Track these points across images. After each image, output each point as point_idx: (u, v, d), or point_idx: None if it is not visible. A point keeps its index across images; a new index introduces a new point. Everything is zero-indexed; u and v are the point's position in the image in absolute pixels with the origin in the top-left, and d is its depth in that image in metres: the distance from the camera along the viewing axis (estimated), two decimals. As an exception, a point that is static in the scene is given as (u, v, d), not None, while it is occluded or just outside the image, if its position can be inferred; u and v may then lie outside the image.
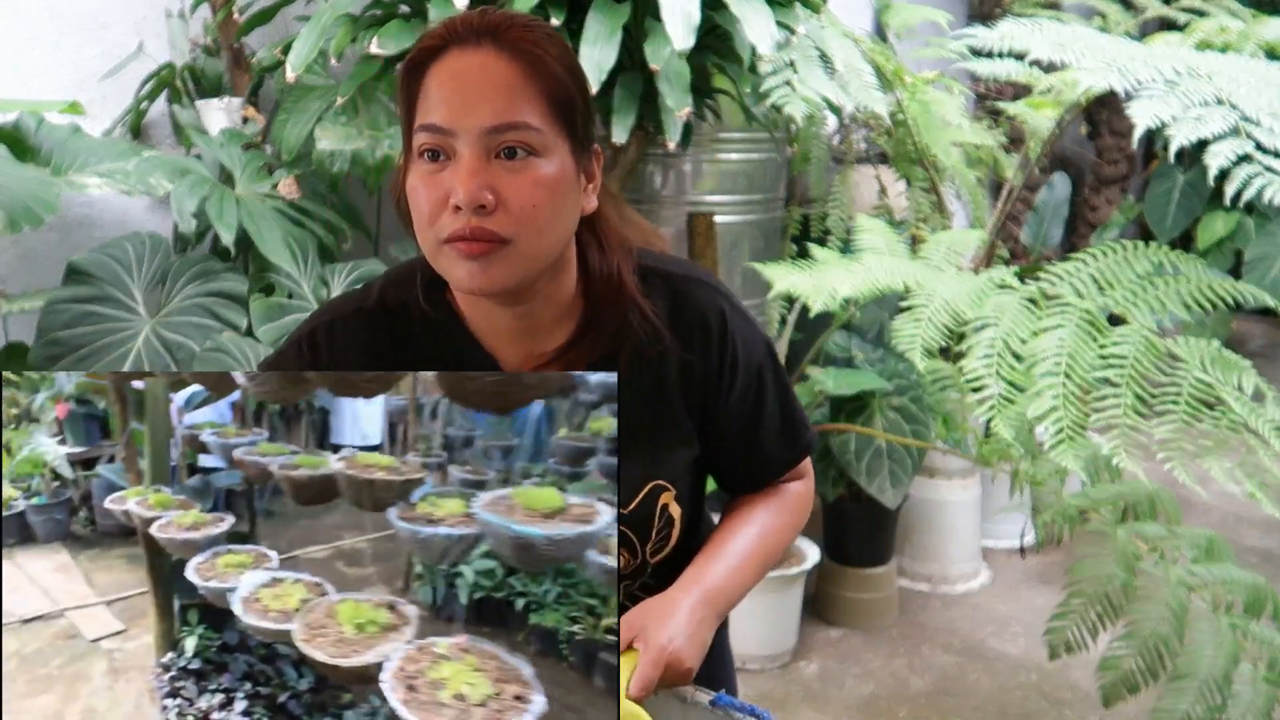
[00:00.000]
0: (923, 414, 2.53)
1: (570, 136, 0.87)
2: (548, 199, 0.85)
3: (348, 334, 0.97)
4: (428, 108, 0.84)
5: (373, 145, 1.92)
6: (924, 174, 2.75)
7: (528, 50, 0.84)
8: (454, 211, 0.83)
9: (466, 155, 0.83)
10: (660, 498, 1.02)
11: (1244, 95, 1.51)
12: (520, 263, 0.86)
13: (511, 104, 0.83)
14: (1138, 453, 1.42)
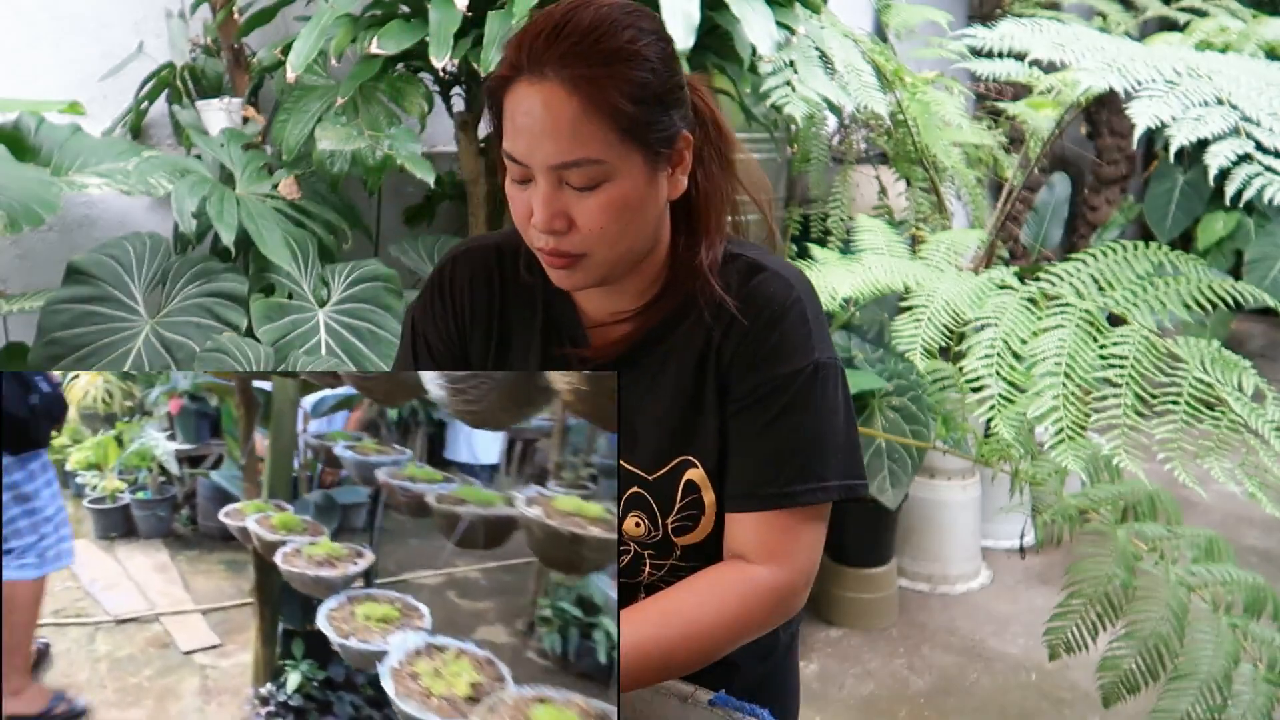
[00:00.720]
0: (923, 414, 2.53)
1: (642, 148, 0.89)
2: (615, 219, 0.90)
3: (469, 262, 1.07)
4: (508, 135, 0.90)
5: (373, 145, 1.92)
6: (924, 174, 2.75)
7: (588, 77, 0.86)
8: (537, 229, 0.91)
9: (541, 184, 0.89)
10: (686, 472, 1.00)
11: (1244, 95, 1.51)
12: (598, 269, 0.93)
13: (574, 141, 0.87)
14: (1138, 453, 1.42)
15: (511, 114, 0.89)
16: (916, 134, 2.62)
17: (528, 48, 0.87)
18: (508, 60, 0.89)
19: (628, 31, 0.88)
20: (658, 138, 0.90)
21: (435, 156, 2.26)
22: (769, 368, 0.96)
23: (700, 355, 1.00)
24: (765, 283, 0.98)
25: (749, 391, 0.97)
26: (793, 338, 0.96)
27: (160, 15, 2.24)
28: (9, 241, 2.09)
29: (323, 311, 1.95)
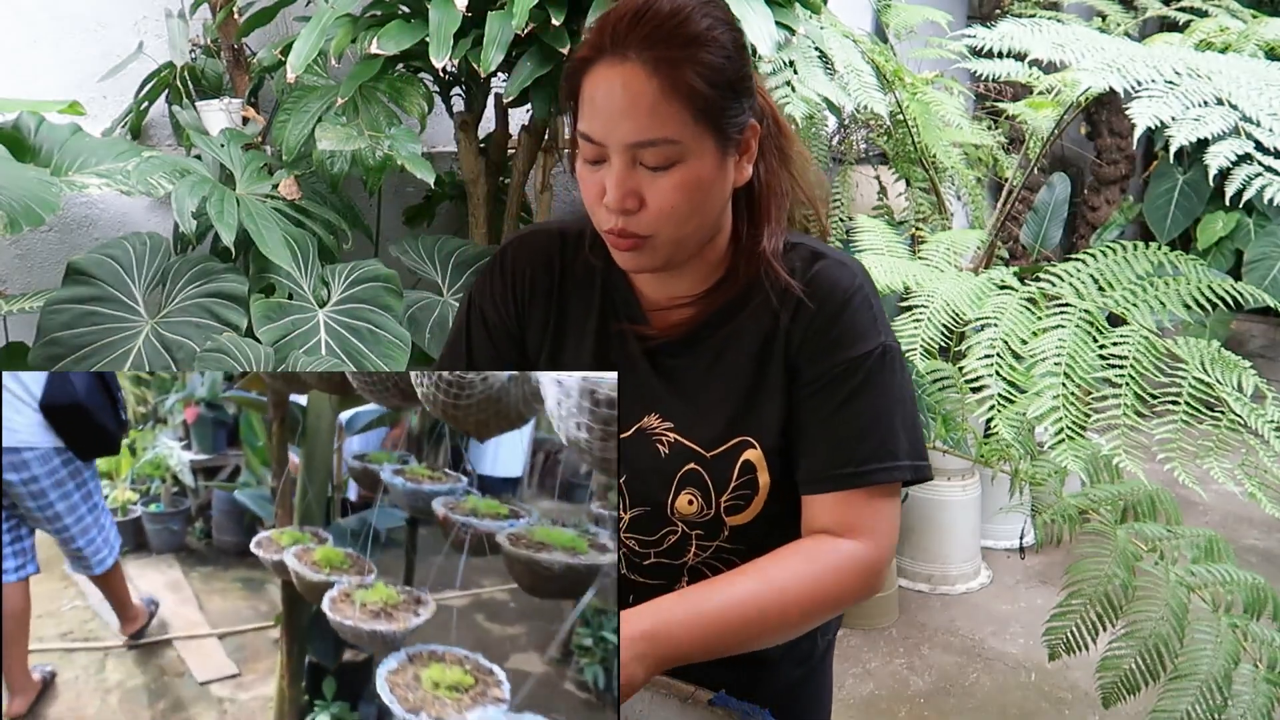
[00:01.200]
0: (923, 414, 2.53)
1: (715, 132, 0.92)
2: (686, 200, 0.93)
3: (529, 244, 1.10)
4: (585, 116, 0.93)
5: (373, 145, 1.92)
6: (924, 174, 2.75)
7: (669, 58, 0.89)
8: (606, 209, 0.94)
9: (615, 163, 0.92)
10: (745, 453, 1.01)
11: (1244, 95, 1.51)
12: (663, 251, 0.96)
13: (652, 120, 0.89)
14: (1138, 453, 1.42)
15: (590, 94, 0.92)
16: (916, 134, 2.62)
17: (610, 31, 0.91)
18: (589, 43, 0.93)
19: (705, 19, 0.92)
20: (729, 123, 0.93)
21: (435, 156, 2.26)
22: (839, 351, 0.99)
23: (765, 338, 1.02)
24: (828, 269, 1.02)
25: (821, 375, 0.99)
26: (860, 322, 1.00)
27: (160, 15, 2.24)
28: (9, 241, 2.09)
29: (323, 311, 1.95)
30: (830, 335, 0.99)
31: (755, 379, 1.02)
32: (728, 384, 1.03)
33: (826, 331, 0.99)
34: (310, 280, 1.97)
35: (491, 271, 1.12)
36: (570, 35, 1.79)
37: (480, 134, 2.27)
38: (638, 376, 1.05)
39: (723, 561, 1.05)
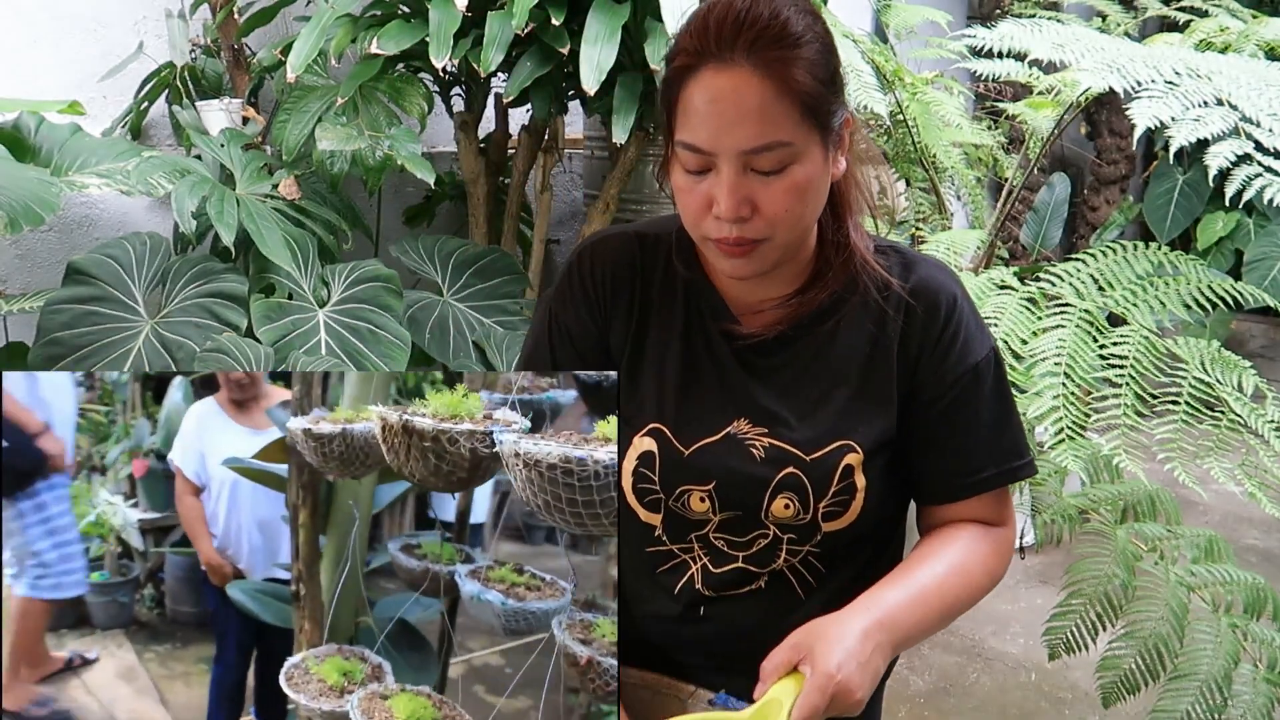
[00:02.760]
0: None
1: (821, 129, 0.91)
2: (799, 201, 0.91)
3: (606, 248, 1.07)
4: (687, 124, 0.90)
5: (373, 145, 1.92)
6: (924, 174, 2.75)
7: (778, 57, 0.87)
8: (716, 219, 0.91)
9: (726, 171, 0.89)
10: (845, 457, 0.99)
11: (1244, 95, 1.51)
12: (775, 253, 0.94)
13: (765, 124, 0.87)
14: (1138, 453, 1.42)
15: (694, 103, 0.89)
16: (916, 134, 2.61)
17: (713, 35, 0.88)
18: (686, 50, 0.90)
19: (802, 17, 0.90)
20: (833, 118, 0.92)
21: (435, 156, 2.26)
22: (964, 360, 1.00)
23: (873, 341, 1.00)
24: (931, 275, 1.01)
25: (950, 385, 1.00)
26: (973, 328, 1.01)
27: (160, 15, 2.25)
28: (9, 241, 2.09)
29: (323, 311, 1.95)
30: (953, 346, 0.99)
31: (861, 382, 1.01)
32: (829, 385, 1.01)
33: (948, 342, 0.99)
34: (310, 280, 1.97)
35: (569, 278, 1.08)
36: (570, 35, 1.79)
37: (480, 134, 2.27)
38: (727, 378, 1.02)
39: (807, 568, 1.03)
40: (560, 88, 2.03)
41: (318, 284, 1.99)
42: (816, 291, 1.00)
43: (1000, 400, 1.02)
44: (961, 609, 1.03)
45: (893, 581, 0.97)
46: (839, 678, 0.86)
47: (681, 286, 1.05)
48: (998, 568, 1.06)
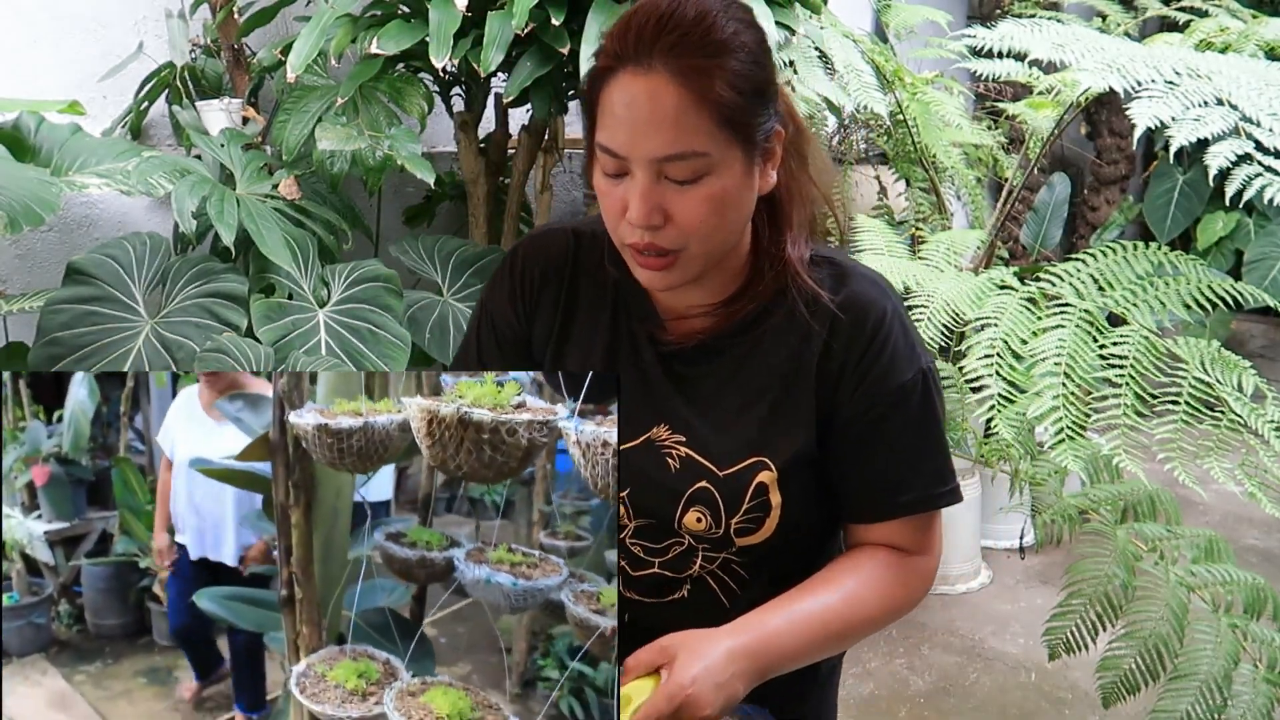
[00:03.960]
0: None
1: (742, 141, 0.88)
2: (714, 213, 0.89)
3: (540, 244, 1.07)
4: (605, 127, 0.89)
5: (373, 145, 1.92)
6: (924, 174, 2.75)
7: (695, 66, 0.85)
8: (630, 224, 0.89)
9: (640, 177, 0.87)
10: (759, 475, 0.97)
11: (1244, 95, 1.51)
12: (691, 265, 0.92)
13: (679, 132, 0.85)
14: (1138, 453, 1.42)
15: (611, 106, 0.88)
16: (916, 134, 2.62)
17: (633, 39, 0.86)
18: (608, 51, 0.88)
19: (731, 23, 0.88)
20: (757, 130, 0.90)
21: (435, 156, 2.26)
22: (887, 380, 0.97)
23: (794, 356, 0.98)
24: (862, 289, 0.98)
25: (870, 406, 0.97)
26: (901, 347, 0.97)
27: (160, 15, 2.25)
28: (9, 241, 2.09)
29: (323, 311, 1.95)
30: (876, 364, 0.96)
31: (780, 398, 0.98)
32: (748, 400, 0.98)
33: (871, 360, 0.96)
34: (310, 280, 1.97)
35: (501, 272, 1.09)
36: (570, 35, 1.79)
37: (480, 134, 2.27)
38: (649, 383, 1.01)
39: (730, 574, 1.02)
40: (560, 88, 2.03)
41: (318, 284, 1.99)
42: (744, 302, 0.98)
43: (926, 424, 0.99)
44: (852, 637, 1.00)
45: (778, 606, 0.95)
46: (690, 691, 0.86)
47: (612, 287, 1.03)
48: (902, 599, 1.01)
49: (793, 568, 1.02)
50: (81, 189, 1.87)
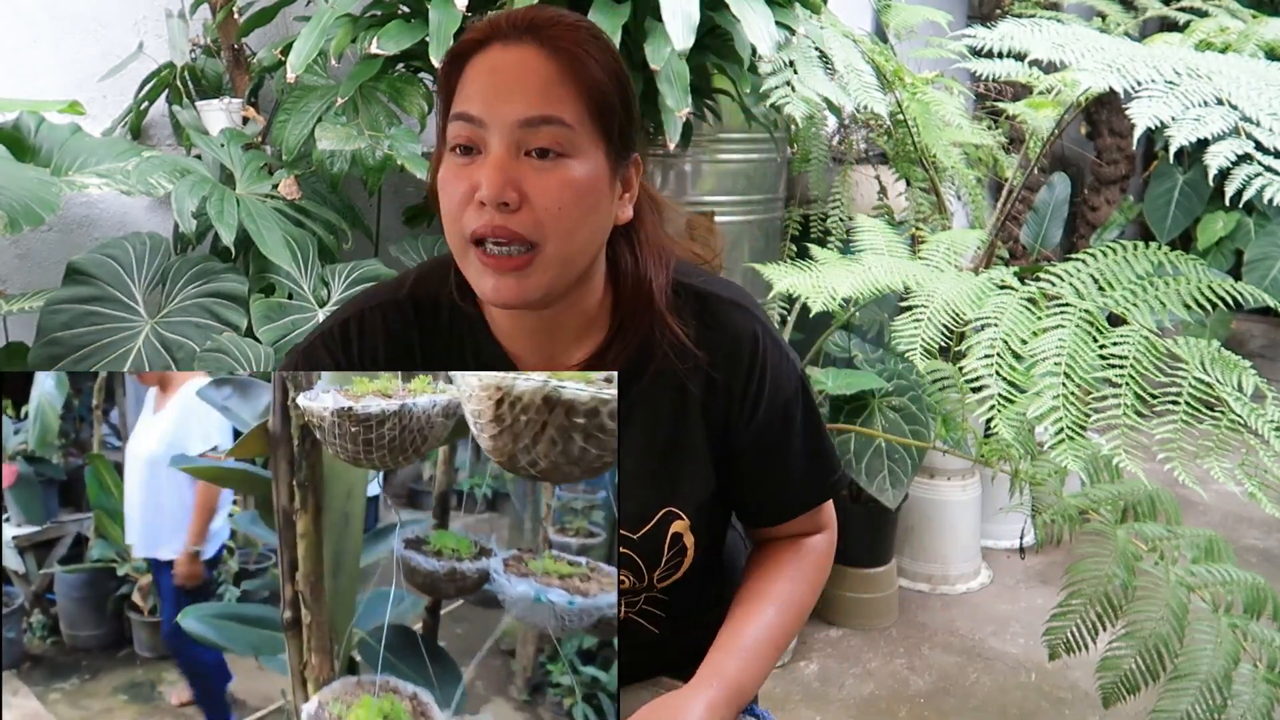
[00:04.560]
0: (922, 414, 2.53)
1: (606, 140, 0.85)
2: (575, 201, 0.83)
3: (377, 324, 0.96)
4: (463, 98, 0.83)
5: (373, 145, 1.92)
6: (924, 174, 2.75)
7: (568, 49, 0.83)
8: (479, 207, 0.82)
9: (496, 149, 0.81)
10: (672, 525, 0.97)
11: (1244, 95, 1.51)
12: (548, 270, 0.84)
13: (546, 98, 0.82)
14: (1138, 453, 1.42)
15: (474, 76, 0.84)
16: (916, 134, 2.62)
17: (505, 20, 0.84)
18: (478, 30, 0.85)
19: (601, 44, 0.87)
20: (622, 138, 0.87)
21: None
22: (774, 400, 0.98)
23: (676, 405, 0.96)
24: (729, 318, 0.96)
25: (761, 427, 0.98)
26: (777, 364, 0.98)
27: (160, 15, 2.24)
28: (9, 241, 2.09)
29: (323, 311, 1.95)
30: (762, 391, 0.96)
31: (672, 448, 0.97)
32: (642, 459, 0.96)
33: (757, 388, 0.96)
34: (310, 280, 1.98)
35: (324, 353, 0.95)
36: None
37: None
38: None
39: (655, 605, 1.03)
40: (560, 88, 2.03)
41: (318, 284, 1.99)
42: (615, 354, 0.93)
43: (811, 425, 1.02)
44: (797, 632, 1.07)
45: (729, 646, 0.97)
46: None
47: (471, 356, 0.95)
48: (822, 579, 1.07)
49: (707, 577, 1.05)
50: (81, 189, 1.87)
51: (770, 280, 1.89)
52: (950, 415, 2.52)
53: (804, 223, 2.92)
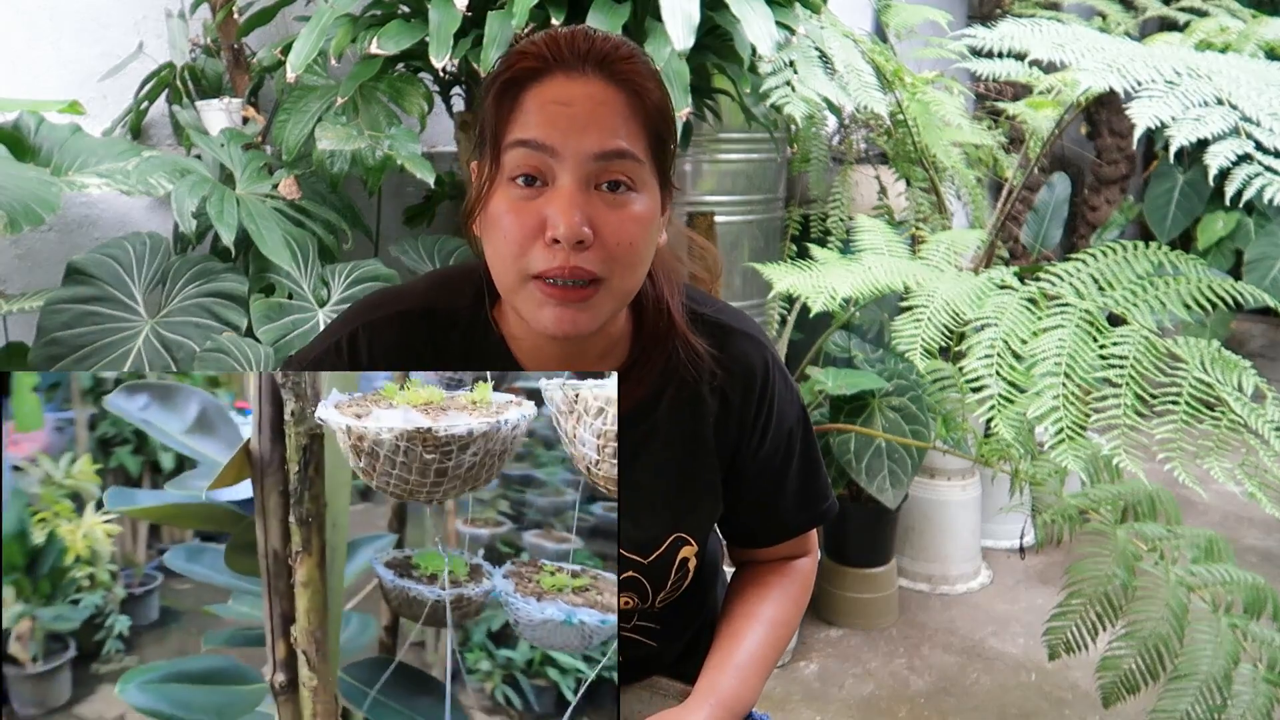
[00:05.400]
0: (923, 414, 2.53)
1: (661, 173, 0.85)
2: (641, 236, 0.82)
3: (389, 336, 0.91)
4: (525, 126, 0.79)
5: (373, 145, 1.91)
6: (924, 174, 2.75)
7: (633, 82, 0.82)
8: (549, 245, 0.78)
9: (567, 183, 0.78)
10: (681, 550, 0.98)
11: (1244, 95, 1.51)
12: (606, 304, 0.82)
13: (620, 131, 0.80)
14: (1138, 453, 1.42)
15: (538, 105, 0.80)
16: (916, 134, 2.62)
17: (565, 43, 0.81)
18: (534, 54, 0.82)
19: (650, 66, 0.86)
20: (667, 173, 0.86)
21: (435, 156, 2.26)
22: (780, 428, 1.00)
23: (690, 433, 0.96)
24: (742, 349, 0.97)
25: (766, 455, 1.01)
26: (783, 394, 1.00)
27: (160, 15, 2.25)
28: (9, 241, 2.09)
29: (323, 311, 1.95)
30: (770, 420, 0.99)
31: (685, 477, 0.97)
32: (653, 485, 0.96)
33: (765, 418, 0.98)
34: (310, 280, 1.98)
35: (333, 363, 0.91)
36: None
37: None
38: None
39: (651, 620, 1.05)
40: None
41: (318, 284, 1.99)
42: (633, 385, 0.92)
43: (809, 452, 1.04)
44: (785, 649, 1.12)
45: (722, 665, 0.99)
46: None
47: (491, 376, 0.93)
48: (806, 599, 1.10)
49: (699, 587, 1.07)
50: (81, 189, 1.87)
51: (770, 280, 1.89)
52: (950, 415, 2.52)
53: (804, 223, 2.92)
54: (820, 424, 2.55)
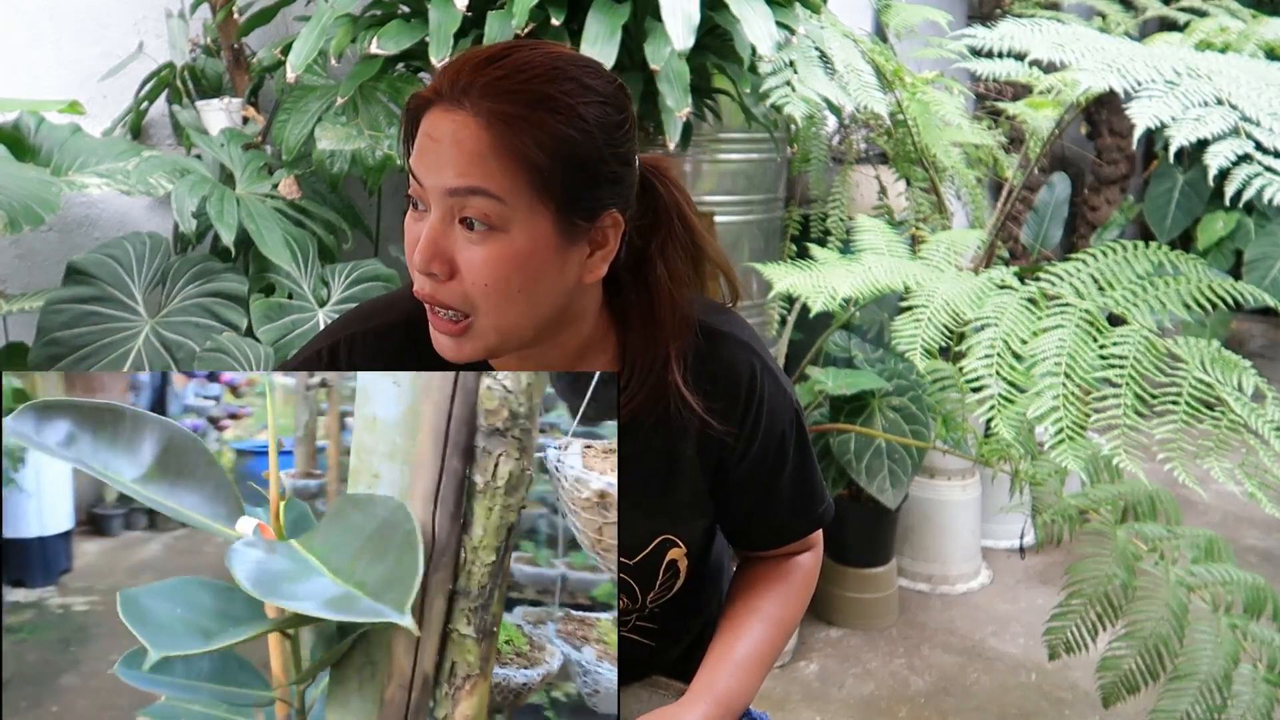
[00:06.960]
0: (923, 414, 2.53)
1: (554, 209, 0.81)
2: (505, 277, 0.80)
3: (370, 349, 0.93)
4: (413, 156, 0.83)
5: (373, 145, 1.92)
6: (924, 174, 2.75)
7: (506, 115, 0.79)
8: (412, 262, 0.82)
9: (433, 214, 0.81)
10: (668, 552, 0.99)
11: (1244, 95, 1.51)
12: (486, 337, 0.83)
13: (472, 168, 0.78)
14: (1138, 453, 1.42)
15: (421, 135, 0.82)
16: (916, 134, 2.62)
17: (452, 75, 0.81)
18: (432, 85, 0.83)
19: (568, 83, 0.81)
20: (575, 206, 0.82)
21: (435, 156, 2.25)
22: (771, 433, 0.99)
23: (673, 439, 0.96)
24: (728, 354, 0.96)
25: (760, 459, 1.00)
26: (774, 398, 0.98)
27: (160, 15, 2.24)
28: (9, 241, 2.09)
29: (323, 311, 1.95)
30: (758, 425, 0.97)
31: (671, 479, 0.98)
32: (641, 490, 0.96)
33: (753, 423, 0.97)
34: (310, 280, 1.98)
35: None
36: (570, 35, 1.79)
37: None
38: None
39: (648, 620, 1.05)
40: (560, 88, 2.03)
41: (318, 284, 1.99)
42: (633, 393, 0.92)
43: (803, 455, 1.03)
44: (784, 647, 1.10)
45: (720, 662, 0.99)
46: None
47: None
48: (809, 592, 1.10)
49: (697, 589, 1.07)
50: (81, 189, 1.87)
51: (770, 280, 1.89)
52: (950, 415, 2.52)
53: (804, 223, 2.92)
54: (820, 424, 2.55)
